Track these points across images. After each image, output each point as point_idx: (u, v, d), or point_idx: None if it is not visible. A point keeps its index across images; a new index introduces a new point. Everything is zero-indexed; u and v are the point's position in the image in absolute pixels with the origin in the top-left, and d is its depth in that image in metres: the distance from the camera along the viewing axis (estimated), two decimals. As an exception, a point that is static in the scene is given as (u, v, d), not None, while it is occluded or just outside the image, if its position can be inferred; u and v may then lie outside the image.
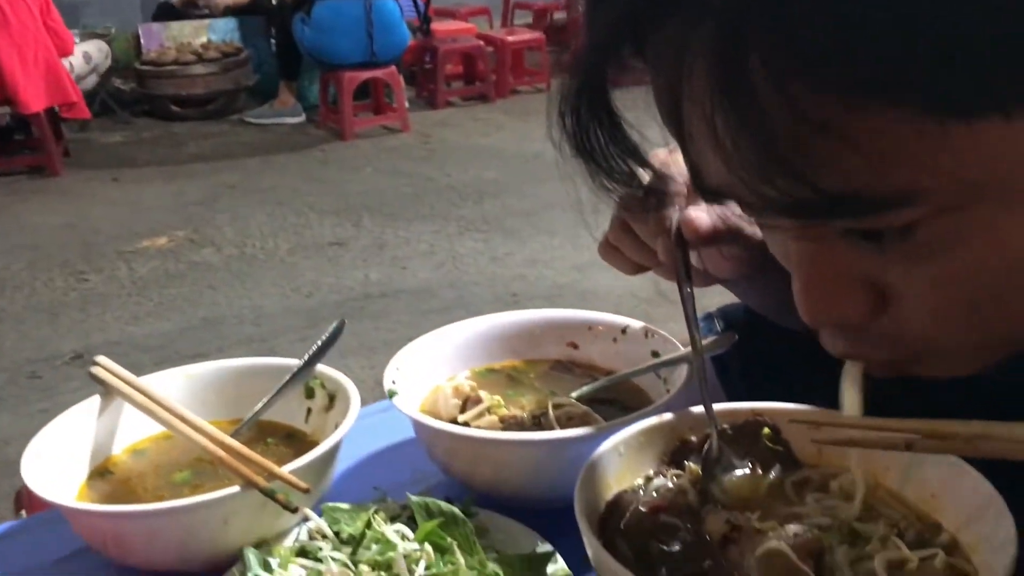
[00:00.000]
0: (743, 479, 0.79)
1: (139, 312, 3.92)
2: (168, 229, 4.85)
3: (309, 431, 1.03)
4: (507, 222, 4.79)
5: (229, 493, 0.82)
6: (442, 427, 0.91)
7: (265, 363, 1.08)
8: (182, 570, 0.87)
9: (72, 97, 5.68)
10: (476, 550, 0.80)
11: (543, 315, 1.16)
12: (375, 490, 0.95)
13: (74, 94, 5.71)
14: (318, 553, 0.83)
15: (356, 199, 5.21)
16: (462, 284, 3.99)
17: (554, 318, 1.16)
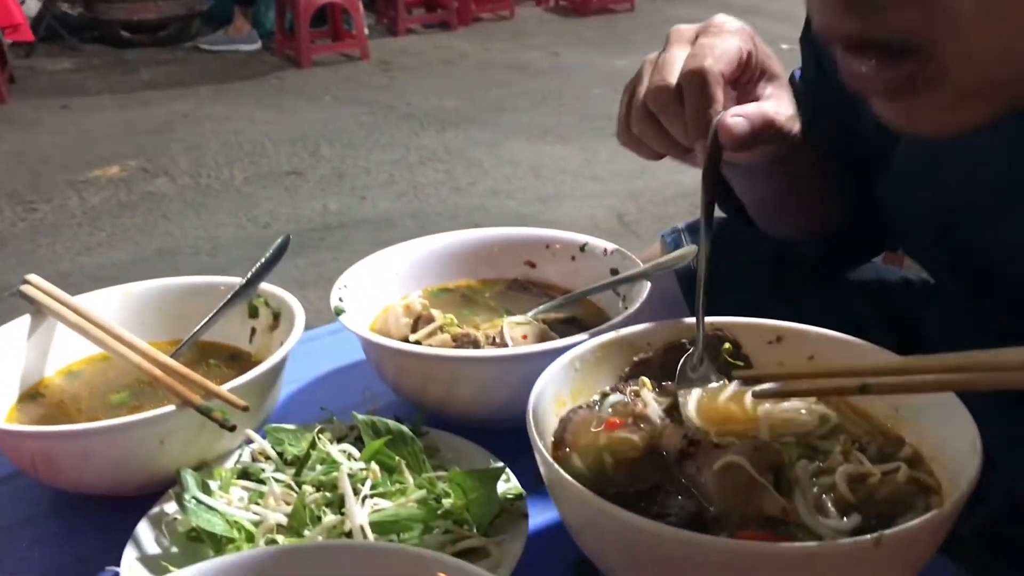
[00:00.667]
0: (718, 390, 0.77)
1: (91, 243, 3.81)
2: (120, 158, 4.70)
3: (253, 352, 0.98)
4: (469, 152, 4.70)
5: (164, 412, 0.77)
6: (391, 344, 0.87)
7: (206, 281, 1.04)
8: (116, 493, 0.83)
9: (17, 18, 5.44)
10: (425, 468, 0.77)
11: (500, 233, 1.12)
12: (322, 411, 0.92)
13: (18, 15, 5.48)
14: (260, 474, 0.80)
15: (314, 128, 5.08)
16: (423, 214, 3.91)
17: (511, 236, 1.12)
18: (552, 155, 4.56)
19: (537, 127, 5.01)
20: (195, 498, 0.74)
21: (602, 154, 4.57)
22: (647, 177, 4.25)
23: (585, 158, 4.54)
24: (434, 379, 0.87)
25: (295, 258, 3.85)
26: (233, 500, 0.77)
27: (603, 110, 5.22)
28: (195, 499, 0.74)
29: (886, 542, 0.54)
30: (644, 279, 0.94)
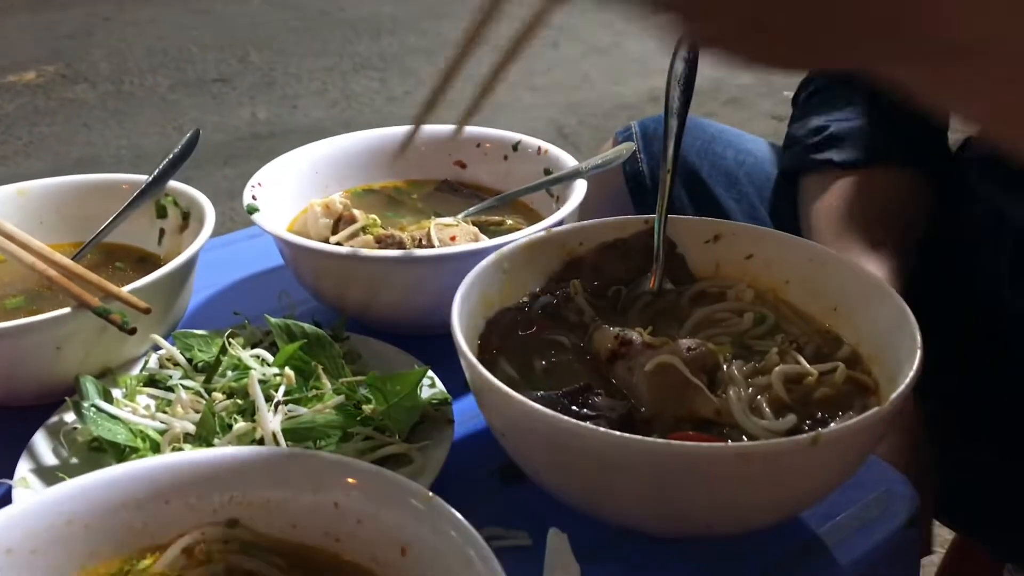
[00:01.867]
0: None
1: (6, 151, 3.63)
2: (36, 63, 4.45)
3: (162, 254, 0.92)
4: (405, 60, 4.56)
5: (59, 314, 0.71)
6: (308, 244, 0.81)
7: (110, 179, 0.96)
8: (10, 403, 0.77)
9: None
10: (344, 373, 0.73)
11: (427, 131, 1.06)
12: (235, 315, 0.86)
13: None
14: (168, 382, 0.75)
15: (242, 33, 4.87)
16: (357, 124, 3.79)
17: (439, 134, 1.05)
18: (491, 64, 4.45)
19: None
20: (95, 406, 0.69)
21: (541, 64, 4.47)
22: (587, 89, 4.18)
23: (525, 67, 4.44)
24: (356, 281, 0.82)
25: (223, 168, 3.72)
26: (139, 408, 0.72)
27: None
28: (95, 407, 0.69)
29: (823, 441, 0.52)
30: (579, 178, 0.90)
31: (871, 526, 0.65)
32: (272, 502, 0.54)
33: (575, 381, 0.65)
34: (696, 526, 0.58)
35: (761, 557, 0.62)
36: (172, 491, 0.54)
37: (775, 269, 0.73)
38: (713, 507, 0.55)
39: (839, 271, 0.70)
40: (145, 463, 0.55)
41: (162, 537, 0.54)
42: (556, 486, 0.60)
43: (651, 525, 0.60)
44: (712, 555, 0.62)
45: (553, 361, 0.68)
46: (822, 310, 0.71)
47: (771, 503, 0.56)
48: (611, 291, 0.75)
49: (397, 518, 0.51)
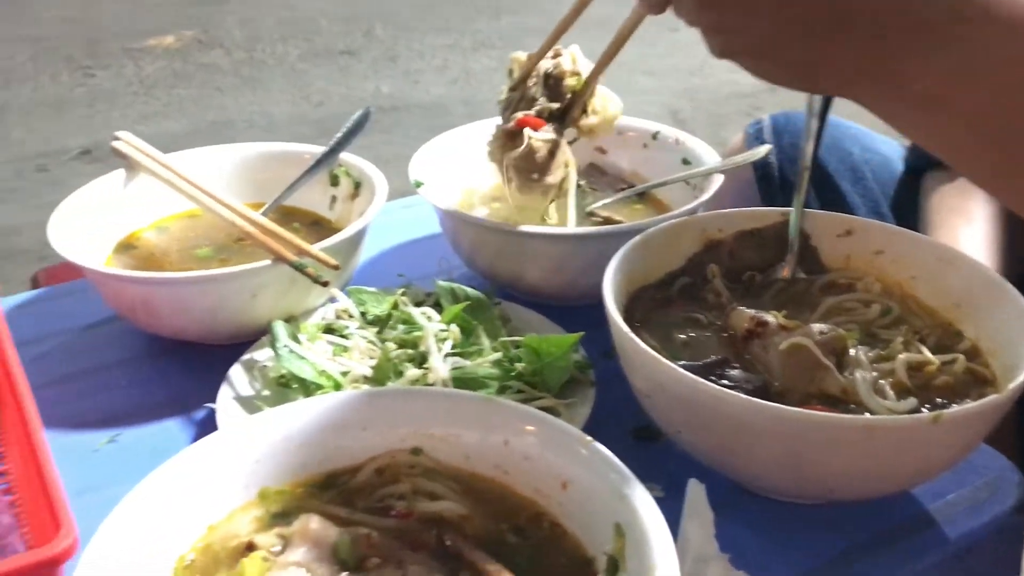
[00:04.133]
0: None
1: (147, 111, 3.86)
2: (175, 28, 4.70)
3: (334, 218, 1.03)
4: (524, 40, 4.62)
5: (259, 266, 0.82)
6: (469, 217, 0.90)
7: (290, 149, 1.07)
8: (208, 341, 0.89)
9: None
10: (500, 333, 0.82)
11: (571, 117, 1.14)
12: (400, 277, 0.96)
13: None
14: (344, 331, 0.85)
15: (368, 7, 5.02)
16: (475, 102, 3.90)
17: (582, 121, 1.13)
18: (607, 47, 4.49)
19: (593, 17, 4.88)
20: (287, 346, 0.79)
21: (659, 48, 4.48)
22: (704, 75, 4.18)
23: (640, 52, 4.46)
24: (509, 254, 0.91)
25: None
26: (318, 353, 0.82)
27: (662, 3, 5.09)
28: (287, 347, 0.79)
29: (944, 421, 0.58)
30: (717, 172, 0.97)
31: (980, 508, 0.71)
32: (451, 436, 0.63)
33: (712, 355, 0.73)
34: (818, 489, 0.65)
35: (873, 524, 0.68)
36: (368, 420, 0.64)
37: (903, 265, 0.79)
38: (837, 473, 0.62)
39: (966, 270, 0.75)
40: (347, 395, 0.65)
41: (358, 458, 0.64)
42: (693, 445, 0.68)
43: (777, 485, 0.67)
44: (828, 517, 0.69)
45: (691, 336, 0.76)
46: (945, 306, 0.76)
47: (890, 474, 0.63)
48: (746, 276, 0.82)
49: (560, 458, 0.60)
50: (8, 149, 3.54)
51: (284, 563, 0.55)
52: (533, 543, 0.58)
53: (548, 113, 0.90)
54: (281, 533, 0.57)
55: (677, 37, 4.66)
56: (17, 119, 3.79)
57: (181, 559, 0.56)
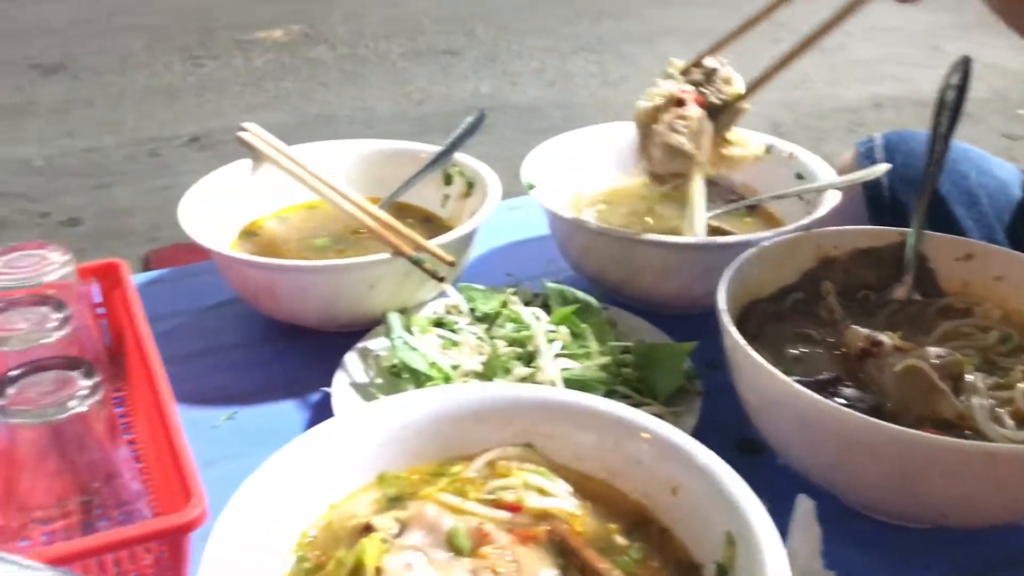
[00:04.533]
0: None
1: (254, 102, 3.98)
2: (283, 22, 4.84)
3: (445, 216, 1.05)
4: (623, 46, 4.63)
5: (378, 258, 0.85)
6: (579, 221, 0.92)
7: (405, 147, 1.10)
8: (324, 328, 0.92)
9: None
10: (609, 338, 0.83)
11: (683, 127, 1.14)
12: (508, 276, 0.98)
13: None
14: (454, 326, 0.87)
15: (471, 8, 5.09)
16: (572, 105, 3.92)
17: (694, 131, 1.13)
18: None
19: (694, 27, 4.88)
20: (401, 337, 0.82)
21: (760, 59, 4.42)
22: (805, 87, 4.11)
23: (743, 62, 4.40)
24: (617, 260, 0.92)
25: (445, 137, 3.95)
26: (429, 345, 0.84)
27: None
28: (401, 338, 0.82)
29: (1069, 453, 0.57)
30: (832, 189, 0.96)
31: (1097, 544, 0.69)
32: (562, 435, 0.65)
33: (823, 372, 0.72)
34: (931, 514, 0.65)
35: (985, 552, 0.67)
36: (483, 413, 0.65)
37: (1022, 292, 0.77)
38: (952, 499, 0.61)
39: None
40: (463, 388, 0.67)
41: (470, 450, 0.65)
42: (802, 460, 0.68)
43: (888, 507, 0.66)
44: (938, 543, 0.68)
45: (803, 351, 0.76)
46: (1069, 336, 0.74)
47: (1008, 503, 0.62)
48: (860, 294, 0.82)
49: (672, 464, 0.61)
50: (123, 133, 3.70)
51: (401, 546, 0.57)
52: (641, 546, 0.59)
53: (708, 105, 0.90)
54: (398, 517, 0.60)
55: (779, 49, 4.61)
56: (132, 105, 3.96)
57: (303, 534, 0.59)
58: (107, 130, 3.70)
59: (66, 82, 4.14)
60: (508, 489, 0.62)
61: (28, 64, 4.28)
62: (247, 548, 0.54)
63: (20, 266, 0.77)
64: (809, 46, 0.79)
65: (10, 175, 3.26)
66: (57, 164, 3.40)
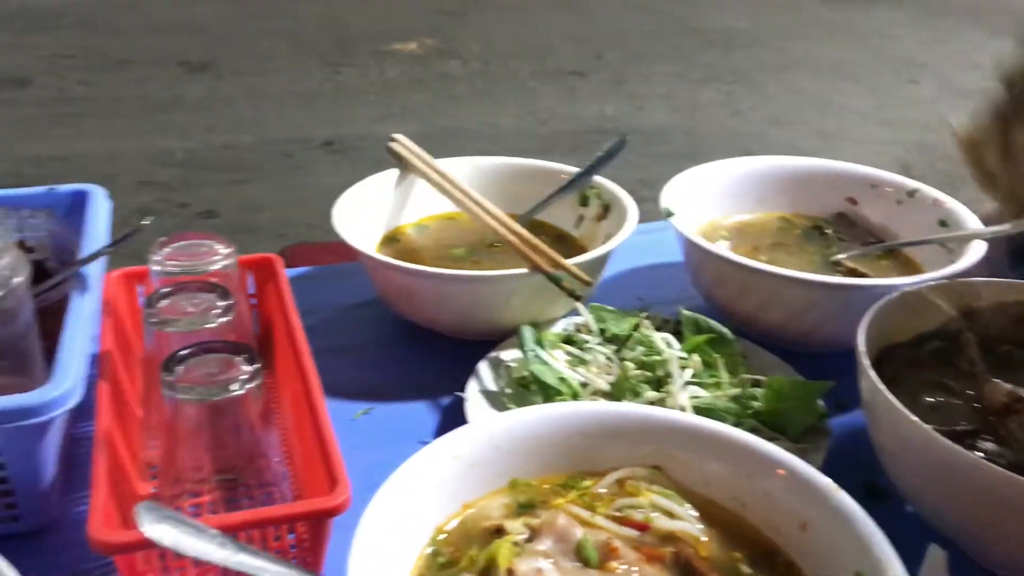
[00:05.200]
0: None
1: (385, 112, 4.10)
2: (419, 35, 4.97)
3: (578, 236, 1.07)
4: (754, 75, 4.59)
5: (517, 272, 0.88)
6: (716, 250, 0.93)
7: (545, 166, 1.13)
8: (457, 335, 0.95)
9: None
10: (741, 370, 0.84)
11: (823, 164, 1.14)
12: (639, 300, 1.00)
13: None
14: (584, 344, 0.89)
15: (601, 31, 5.13)
16: (697, 133, 3.90)
17: (834, 169, 1.13)
18: (840, 91, 4.37)
19: (829, 60, 4.80)
20: (534, 350, 0.84)
21: (895, 98, 4.32)
22: (940, 131, 3.98)
23: (876, 100, 4.32)
24: (750, 291, 0.92)
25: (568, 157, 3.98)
26: (559, 361, 0.86)
27: (904, 52, 4.90)
28: (534, 351, 0.84)
29: None
30: (977, 239, 0.94)
31: None
32: (693, 461, 0.66)
33: (960, 423, 0.71)
34: (1069, 579, 0.63)
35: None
36: (615, 432, 0.67)
37: None
38: (1094, 565, 0.60)
39: None
40: (598, 406, 0.68)
41: (599, 466, 0.67)
42: (934, 511, 0.67)
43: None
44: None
45: (940, 400, 0.75)
46: None
47: None
48: (1003, 348, 0.80)
49: (803, 501, 0.61)
50: (260, 133, 3.86)
51: (532, 551, 0.59)
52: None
53: None
54: (528, 523, 0.62)
55: (915, 90, 4.48)
56: (270, 106, 4.13)
57: (438, 529, 0.62)
58: (246, 128, 3.88)
59: (210, 81, 4.36)
60: (636, 508, 0.64)
61: (176, 62, 4.52)
62: (390, 535, 0.57)
63: (189, 254, 0.83)
64: None
65: (155, 166, 3.45)
66: (198, 158, 3.59)
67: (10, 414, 0.63)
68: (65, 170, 3.35)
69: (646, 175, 1.05)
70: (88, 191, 0.94)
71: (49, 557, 0.70)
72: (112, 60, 4.50)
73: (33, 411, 0.63)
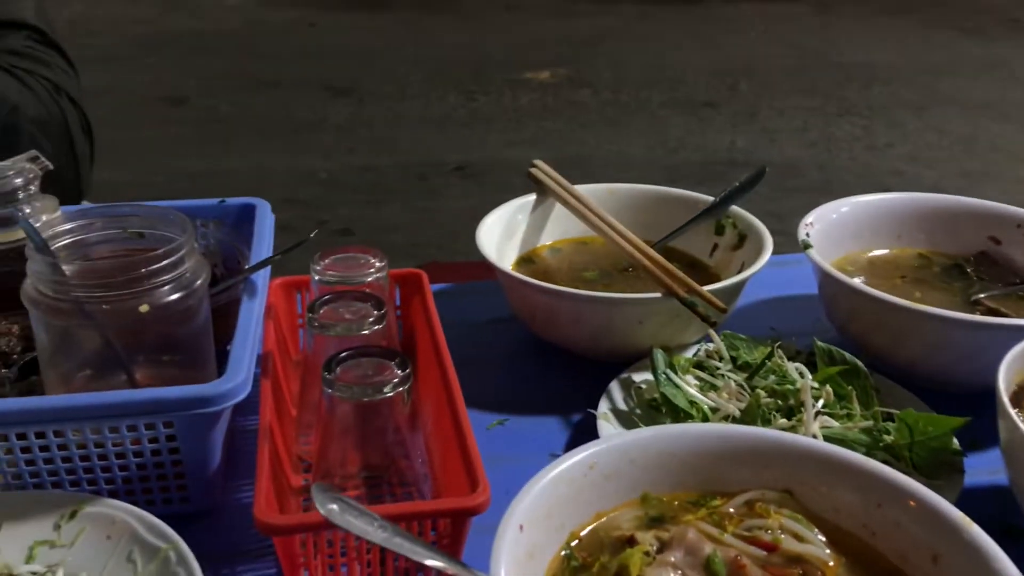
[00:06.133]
0: None
1: (515, 138, 4.19)
2: (552, 65, 5.06)
3: (712, 264, 1.09)
4: (893, 112, 4.47)
5: (651, 296, 0.91)
6: (853, 284, 0.93)
7: (680, 194, 1.16)
8: (588, 354, 0.99)
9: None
10: (873, 404, 0.84)
11: (966, 202, 1.12)
12: (771, 329, 1.01)
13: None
14: (714, 370, 0.91)
15: (735, 63, 5.10)
16: (831, 168, 3.83)
17: (978, 207, 1.11)
18: (988, 130, 4.21)
19: (976, 98, 4.63)
20: (666, 373, 0.87)
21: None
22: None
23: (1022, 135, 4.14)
24: (885, 326, 0.92)
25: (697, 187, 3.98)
26: (690, 385, 0.89)
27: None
28: (666, 374, 0.86)
29: None
30: None
31: None
32: (823, 487, 0.67)
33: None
34: None
35: None
36: (747, 454, 0.69)
37: None
38: None
39: None
40: (731, 428, 0.70)
41: (729, 487, 0.69)
42: (1074, 555, 0.66)
43: None
44: None
45: (1085, 445, 0.73)
46: None
47: None
48: None
49: (935, 534, 0.61)
50: (396, 156, 4.01)
51: (662, 561, 0.61)
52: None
53: None
54: (659, 535, 0.64)
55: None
56: (406, 130, 4.28)
57: (573, 534, 0.65)
58: (383, 151, 4.03)
59: (352, 104, 4.55)
60: (765, 529, 0.65)
61: (322, 85, 4.74)
62: (528, 535, 0.60)
63: (346, 266, 0.89)
64: None
65: (299, 184, 3.63)
66: (337, 178, 3.75)
67: (190, 402, 0.70)
68: (215, 185, 3.56)
69: (776, 208, 1.06)
70: (255, 204, 1.02)
71: (214, 536, 0.76)
72: (261, 82, 4.76)
73: (210, 401, 0.70)
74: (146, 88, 4.55)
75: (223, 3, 6.22)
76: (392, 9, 6.13)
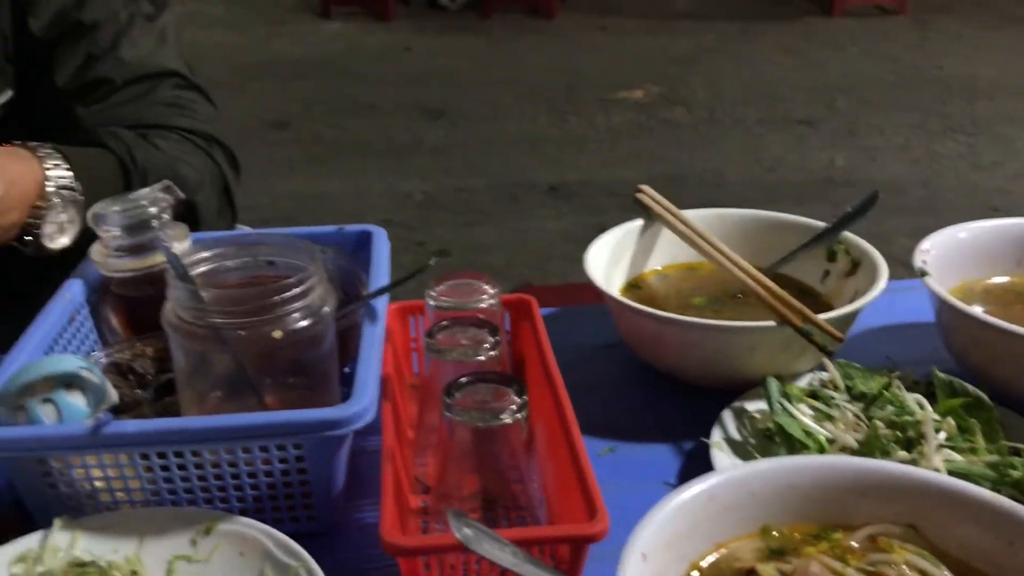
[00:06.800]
0: None
1: (609, 158, 4.20)
2: (645, 83, 5.06)
3: (823, 292, 1.08)
4: (999, 128, 4.32)
5: (765, 324, 0.90)
6: (974, 313, 0.91)
7: (790, 219, 1.15)
8: (697, 382, 0.99)
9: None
10: (999, 437, 0.82)
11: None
12: (887, 359, 0.99)
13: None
14: (830, 400, 0.90)
15: (834, 79, 5.01)
16: (935, 186, 3.72)
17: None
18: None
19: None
20: (781, 403, 0.86)
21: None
22: None
23: None
24: (1008, 357, 0.90)
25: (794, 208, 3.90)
26: (804, 415, 0.88)
27: None
28: (781, 404, 0.86)
29: None
30: None
31: None
32: (948, 523, 0.65)
33: None
34: None
35: None
36: (870, 487, 0.68)
37: None
38: None
39: None
40: (854, 460, 0.70)
41: (851, 520, 0.68)
42: None
43: None
44: None
45: None
46: None
47: None
48: None
49: (1072, 574, 0.60)
50: (488, 177, 4.06)
51: (786, 595, 0.61)
52: (1028, 649, 0.59)
53: None
54: (781, 568, 0.64)
55: None
56: (498, 151, 4.33)
57: (693, 564, 0.65)
58: (476, 172, 4.08)
59: (446, 127, 4.63)
60: (890, 564, 0.65)
61: (418, 108, 4.83)
62: (649, 565, 0.61)
63: (460, 292, 0.91)
64: None
65: (396, 206, 3.70)
66: (434, 199, 3.81)
67: (320, 424, 0.73)
68: (317, 206, 3.66)
69: (879, 229, 1.04)
70: (372, 231, 1.05)
71: (338, 554, 0.79)
72: (360, 105, 4.88)
73: (339, 424, 0.73)
74: (250, 113, 4.71)
75: (322, 30, 6.41)
76: (485, 32, 6.21)
